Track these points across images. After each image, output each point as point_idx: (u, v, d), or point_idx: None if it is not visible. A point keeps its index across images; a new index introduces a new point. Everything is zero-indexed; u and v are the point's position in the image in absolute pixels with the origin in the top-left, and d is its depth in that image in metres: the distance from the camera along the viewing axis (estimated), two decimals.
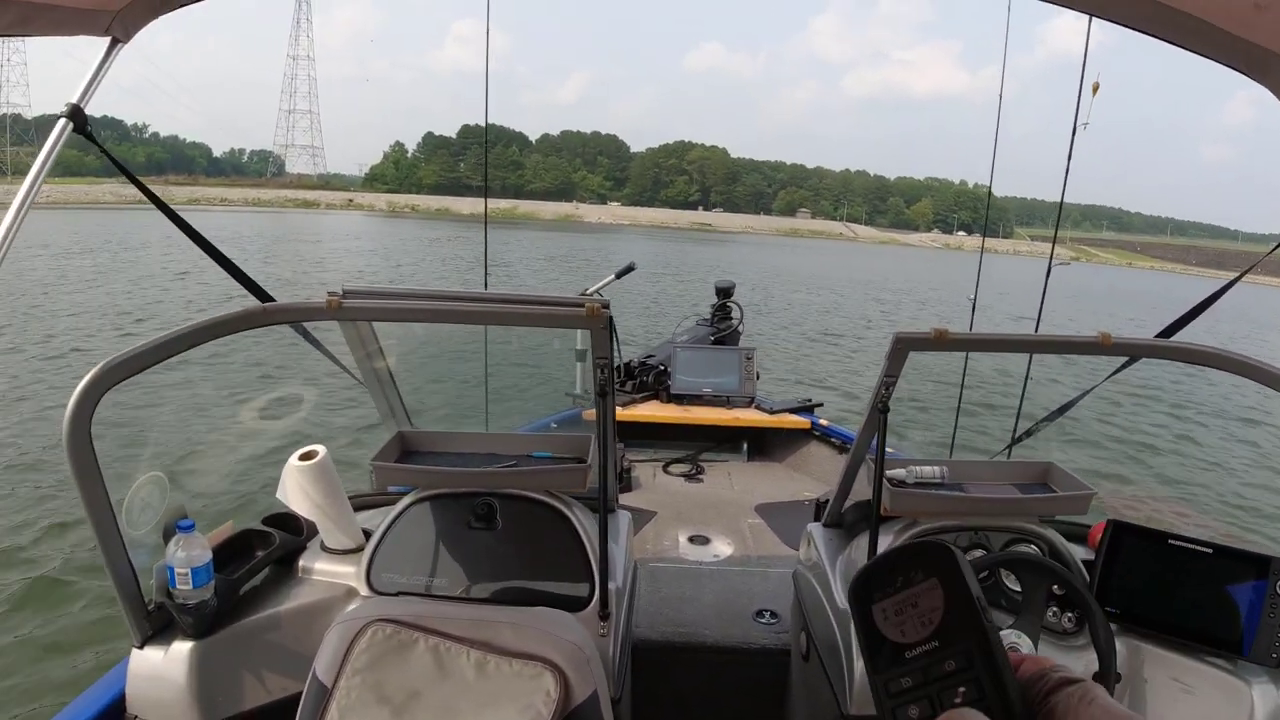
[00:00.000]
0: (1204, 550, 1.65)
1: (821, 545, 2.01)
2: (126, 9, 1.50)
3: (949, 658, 0.42)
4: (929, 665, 0.43)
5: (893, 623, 0.45)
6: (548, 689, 1.21)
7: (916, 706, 0.42)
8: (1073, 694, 0.42)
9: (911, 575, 0.45)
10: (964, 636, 0.42)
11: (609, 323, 1.56)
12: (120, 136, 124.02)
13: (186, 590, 1.50)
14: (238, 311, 1.58)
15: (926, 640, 0.43)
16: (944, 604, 0.43)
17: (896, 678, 0.44)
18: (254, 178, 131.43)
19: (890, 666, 0.44)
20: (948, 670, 0.42)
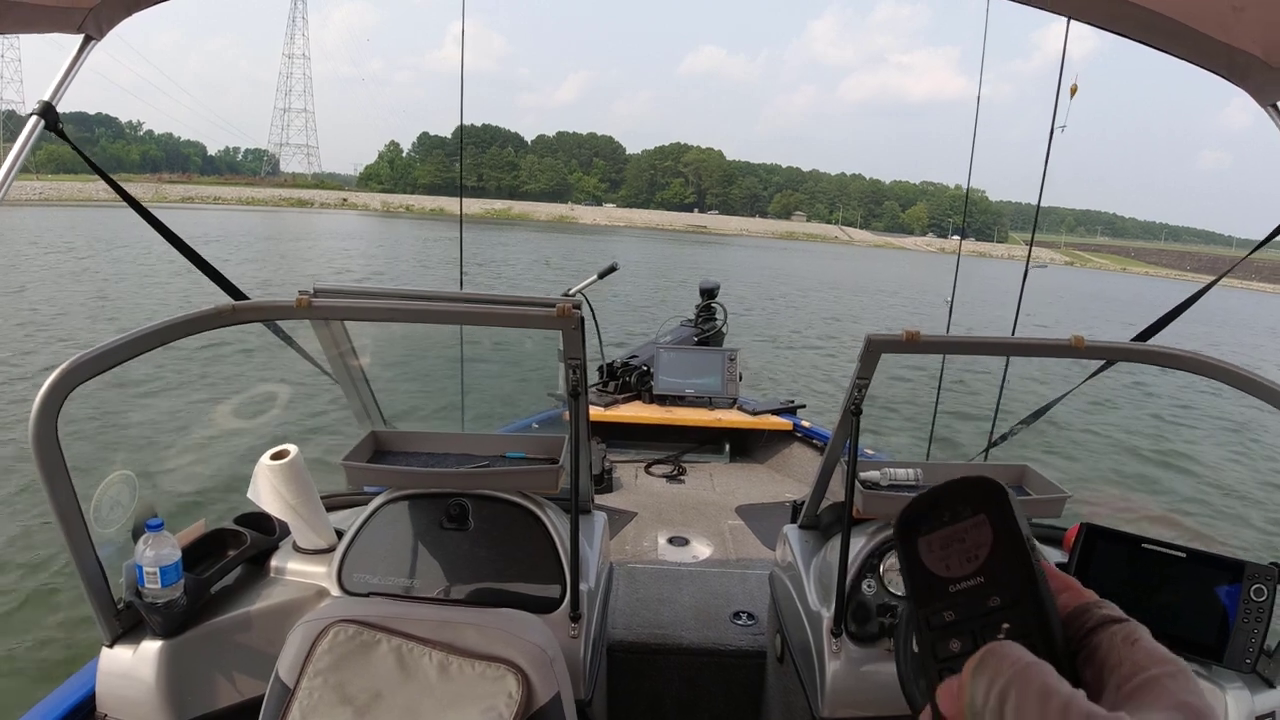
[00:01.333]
0: (1177, 555, 1.64)
1: (796, 547, 2.00)
2: (100, 6, 1.49)
3: (994, 593, 0.42)
4: (973, 600, 0.42)
5: (938, 556, 0.44)
6: (510, 690, 1.20)
7: (959, 640, 0.42)
8: (1116, 633, 0.41)
9: (959, 510, 0.45)
10: (1010, 573, 0.42)
11: (580, 323, 1.55)
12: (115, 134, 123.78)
13: (155, 589, 1.49)
14: (208, 309, 1.57)
15: (972, 575, 0.43)
16: (991, 540, 0.43)
17: (939, 611, 0.43)
18: (249, 176, 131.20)
19: (933, 600, 0.44)
20: (992, 605, 0.42)
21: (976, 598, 0.42)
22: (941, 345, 1.82)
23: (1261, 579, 1.57)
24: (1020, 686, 0.36)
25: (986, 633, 0.41)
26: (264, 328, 1.79)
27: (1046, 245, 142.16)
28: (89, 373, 1.39)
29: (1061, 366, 3.09)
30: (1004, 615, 0.41)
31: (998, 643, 0.39)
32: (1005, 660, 0.37)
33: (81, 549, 1.44)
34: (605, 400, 4.49)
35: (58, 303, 13.70)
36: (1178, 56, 1.65)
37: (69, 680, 1.61)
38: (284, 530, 1.83)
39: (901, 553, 0.46)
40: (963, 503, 0.45)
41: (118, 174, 28.56)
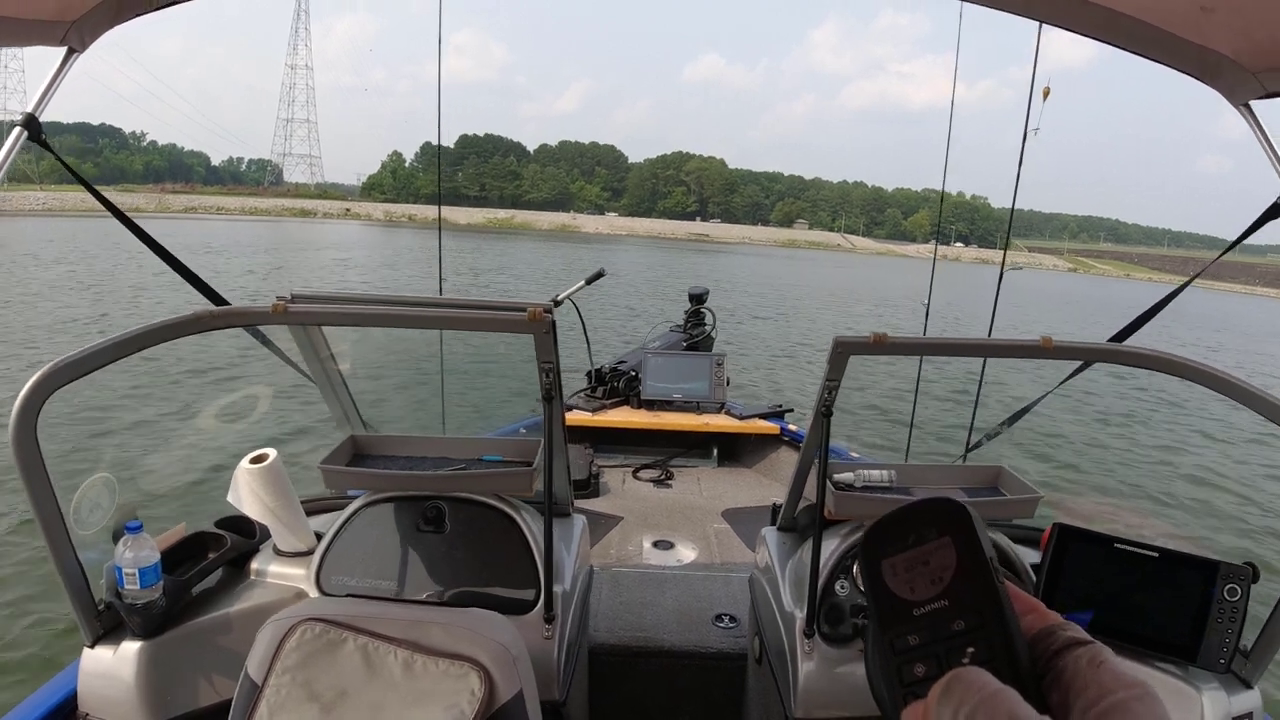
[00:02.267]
0: (1150, 554, 1.64)
1: (774, 549, 2.02)
2: (82, 19, 1.52)
3: (958, 617, 0.42)
4: (937, 623, 0.42)
5: (902, 579, 0.44)
6: (473, 688, 1.22)
7: (923, 664, 0.42)
8: (1081, 656, 0.41)
9: (924, 533, 0.44)
10: (975, 596, 0.42)
11: (551, 327, 1.57)
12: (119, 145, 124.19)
13: (134, 590, 1.51)
14: (187, 315, 1.60)
15: (936, 598, 0.43)
16: (956, 563, 0.43)
17: (903, 634, 0.43)
18: (252, 186, 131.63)
19: (897, 623, 0.43)
20: (956, 629, 0.41)
21: (941, 621, 0.42)
22: (908, 347, 1.83)
23: (1235, 578, 1.57)
24: (986, 713, 0.36)
25: (951, 657, 0.41)
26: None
27: (1049, 252, 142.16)
28: (68, 377, 1.42)
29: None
30: (969, 639, 0.41)
31: (963, 668, 0.39)
32: (971, 686, 0.37)
33: (61, 550, 1.47)
34: (593, 405, 4.50)
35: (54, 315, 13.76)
36: (1149, 58, 1.67)
37: (51, 680, 1.63)
38: (265, 533, 1.85)
39: (865, 575, 0.46)
40: (927, 525, 0.45)
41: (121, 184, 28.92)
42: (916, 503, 0.46)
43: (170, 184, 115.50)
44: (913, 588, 0.44)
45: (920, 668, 0.42)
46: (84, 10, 1.49)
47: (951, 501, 0.45)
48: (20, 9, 1.39)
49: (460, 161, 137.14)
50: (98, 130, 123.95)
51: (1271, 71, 1.53)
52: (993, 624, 0.41)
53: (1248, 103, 1.60)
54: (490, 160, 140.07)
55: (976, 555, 0.43)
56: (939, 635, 0.42)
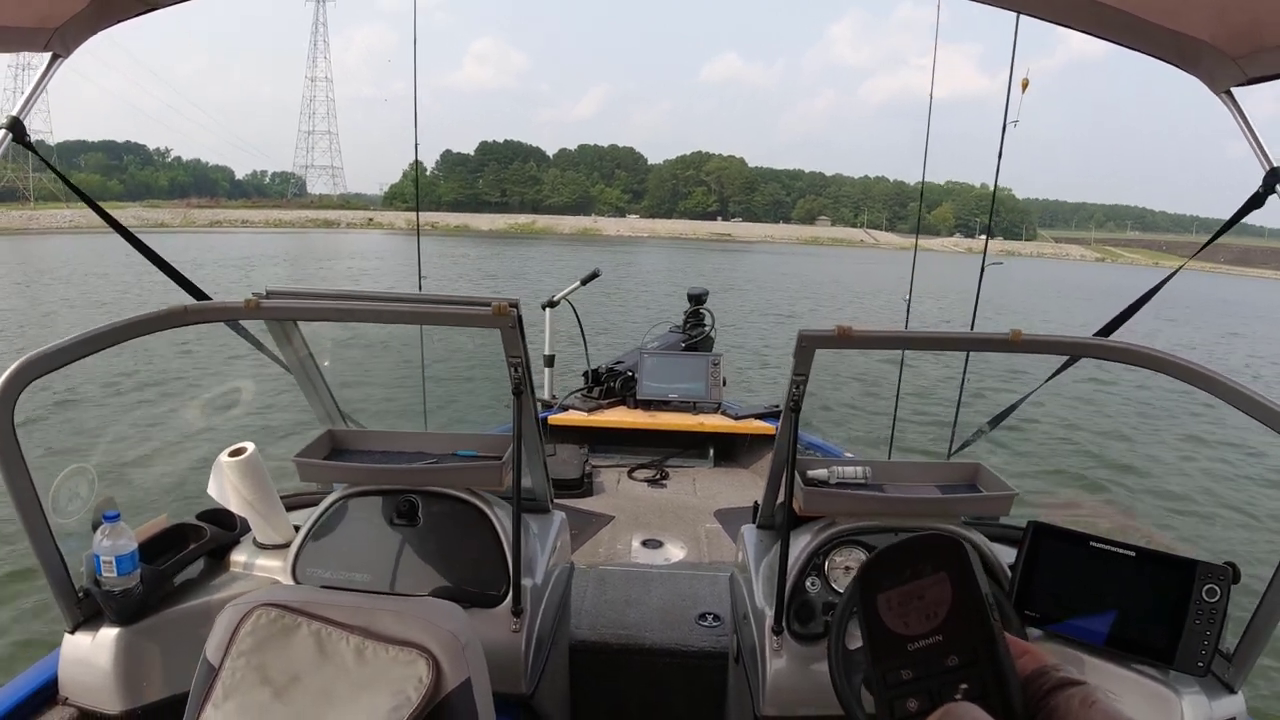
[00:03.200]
0: (1127, 553, 1.61)
1: (750, 547, 2.03)
2: (65, 25, 1.56)
3: (952, 653, 0.41)
4: (931, 659, 0.42)
5: (896, 613, 0.44)
6: (420, 675, 1.24)
7: (915, 699, 0.41)
8: (1073, 696, 0.41)
9: (920, 568, 0.44)
10: (969, 633, 0.42)
11: (517, 321, 1.60)
12: (143, 161, 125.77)
13: (112, 578, 1.57)
14: (162, 310, 1.65)
15: (930, 634, 0.42)
16: (951, 599, 0.42)
17: (896, 669, 0.42)
18: (276, 199, 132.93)
19: (891, 656, 0.43)
20: (950, 665, 0.41)
21: (935, 657, 0.42)
22: (872, 340, 1.83)
23: (1214, 579, 1.53)
24: None
25: (944, 692, 0.41)
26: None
27: (1076, 242, 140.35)
28: (42, 369, 1.47)
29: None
30: (962, 675, 0.41)
31: (956, 704, 0.39)
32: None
33: (40, 538, 1.52)
34: (589, 405, 4.52)
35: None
36: (1129, 47, 1.66)
37: (34, 665, 1.69)
38: (245, 526, 1.90)
39: (861, 609, 0.46)
40: (924, 560, 0.45)
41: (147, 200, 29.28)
42: (915, 537, 0.46)
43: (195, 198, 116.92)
44: (907, 622, 0.44)
45: (913, 702, 0.42)
46: (67, 17, 1.54)
47: (949, 538, 0.45)
48: (3, 17, 1.43)
49: (481, 168, 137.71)
50: (122, 148, 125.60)
51: (1251, 56, 1.52)
52: (986, 661, 0.41)
53: (1229, 89, 1.59)
54: (510, 166, 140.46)
55: (972, 592, 0.43)
56: (932, 670, 0.42)
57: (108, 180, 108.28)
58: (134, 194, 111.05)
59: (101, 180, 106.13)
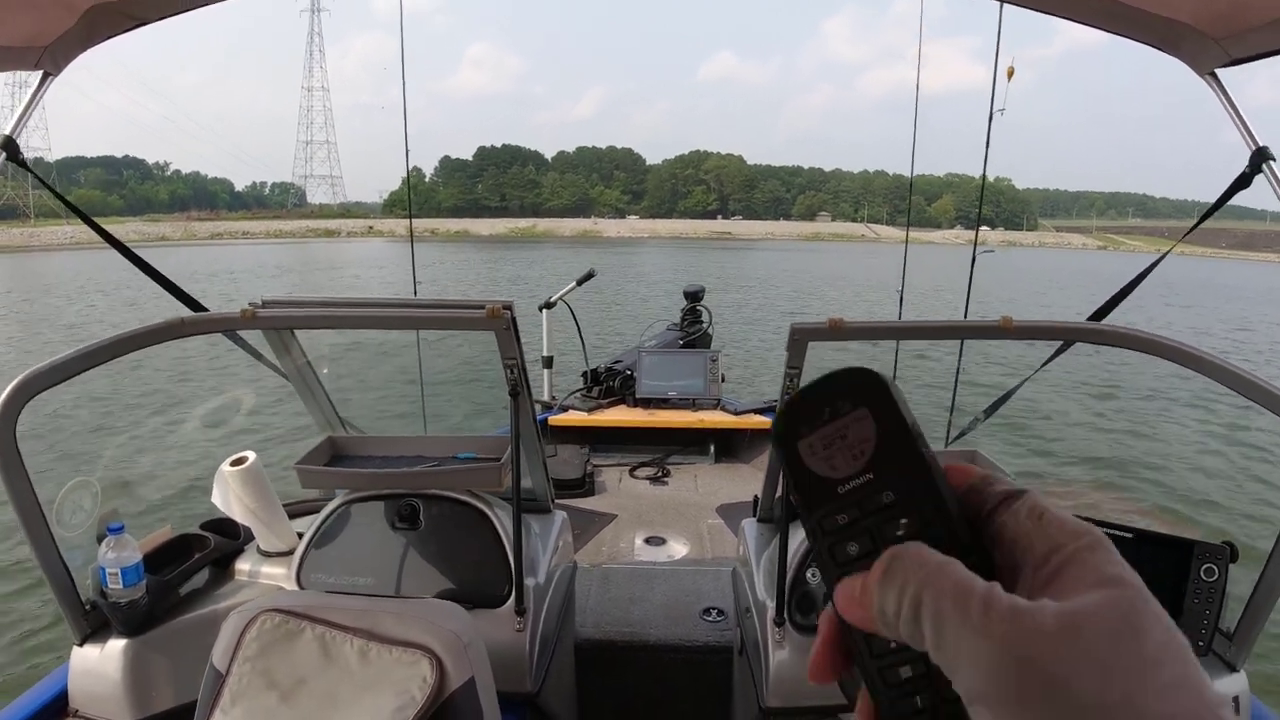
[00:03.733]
0: (1124, 535, 1.63)
1: (751, 541, 2.05)
2: (55, 44, 1.58)
3: (885, 489, 0.39)
4: (865, 499, 0.39)
5: (821, 457, 0.40)
6: (424, 675, 1.26)
7: (855, 542, 0.38)
8: (1019, 510, 0.38)
9: (838, 406, 0.41)
10: (900, 466, 0.39)
11: (511, 323, 1.62)
12: (143, 175, 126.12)
13: (118, 590, 1.59)
14: (158, 323, 1.66)
15: (860, 473, 0.39)
16: (876, 434, 0.40)
17: (830, 514, 0.39)
18: (276, 209, 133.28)
19: (823, 503, 0.40)
20: (885, 503, 0.38)
21: (868, 496, 0.39)
22: (864, 331, 1.85)
23: (1212, 558, 1.55)
24: (933, 590, 0.34)
25: (884, 530, 0.38)
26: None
27: (1078, 230, 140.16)
28: (44, 384, 1.49)
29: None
30: (900, 511, 0.39)
31: (901, 546, 0.37)
32: (911, 564, 0.35)
33: (46, 552, 1.54)
34: (589, 405, 4.52)
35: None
36: (1113, 32, 1.67)
37: (44, 679, 1.70)
38: (249, 534, 1.91)
39: (783, 459, 0.43)
40: (841, 398, 0.41)
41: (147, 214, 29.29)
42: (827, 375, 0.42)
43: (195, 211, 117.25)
44: (833, 464, 0.40)
45: (853, 546, 0.39)
46: (56, 35, 1.55)
47: (865, 370, 0.42)
48: None
49: (480, 173, 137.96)
50: (121, 162, 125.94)
51: (1234, 38, 1.52)
52: (923, 492, 0.39)
53: (1213, 71, 1.60)
54: (509, 170, 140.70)
55: (898, 423, 0.40)
56: (868, 510, 0.39)
57: (108, 195, 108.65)
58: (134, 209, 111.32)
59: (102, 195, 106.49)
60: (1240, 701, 1.57)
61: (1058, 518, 0.37)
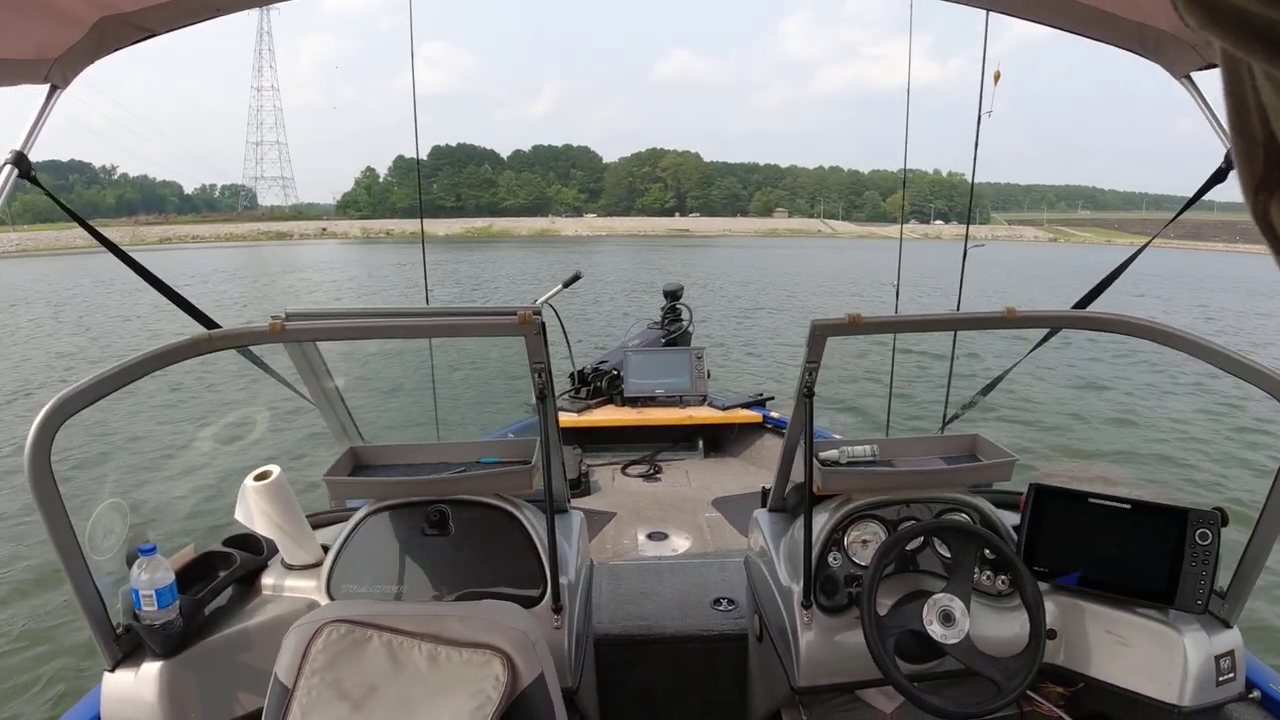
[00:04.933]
0: (1123, 506, 1.74)
1: (766, 530, 2.10)
2: (63, 56, 1.55)
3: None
4: None
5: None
6: (496, 674, 1.28)
7: None
8: None
9: None
10: None
11: (541, 329, 1.63)
12: (90, 180, 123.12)
13: (152, 611, 1.56)
14: (185, 340, 1.65)
15: None
16: None
17: None
18: (226, 212, 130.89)
19: None
20: None
21: None
22: (881, 325, 1.91)
23: (1205, 524, 1.66)
24: None
25: None
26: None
27: (1029, 224, 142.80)
28: (76, 407, 1.47)
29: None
30: None
31: None
32: None
33: (79, 577, 1.51)
34: (578, 406, 4.55)
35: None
36: (1092, 38, 1.72)
37: (74, 707, 1.67)
38: (272, 549, 1.90)
39: None
40: None
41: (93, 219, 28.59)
42: None
43: (144, 215, 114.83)
44: None
45: None
46: (65, 47, 1.53)
47: None
48: (2, 49, 1.43)
49: (435, 173, 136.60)
50: (67, 166, 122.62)
51: (1210, 42, 1.58)
52: None
53: (1189, 74, 1.66)
54: (465, 170, 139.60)
55: None
56: None
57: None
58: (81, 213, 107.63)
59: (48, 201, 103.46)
60: (1235, 655, 1.67)
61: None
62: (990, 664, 1.61)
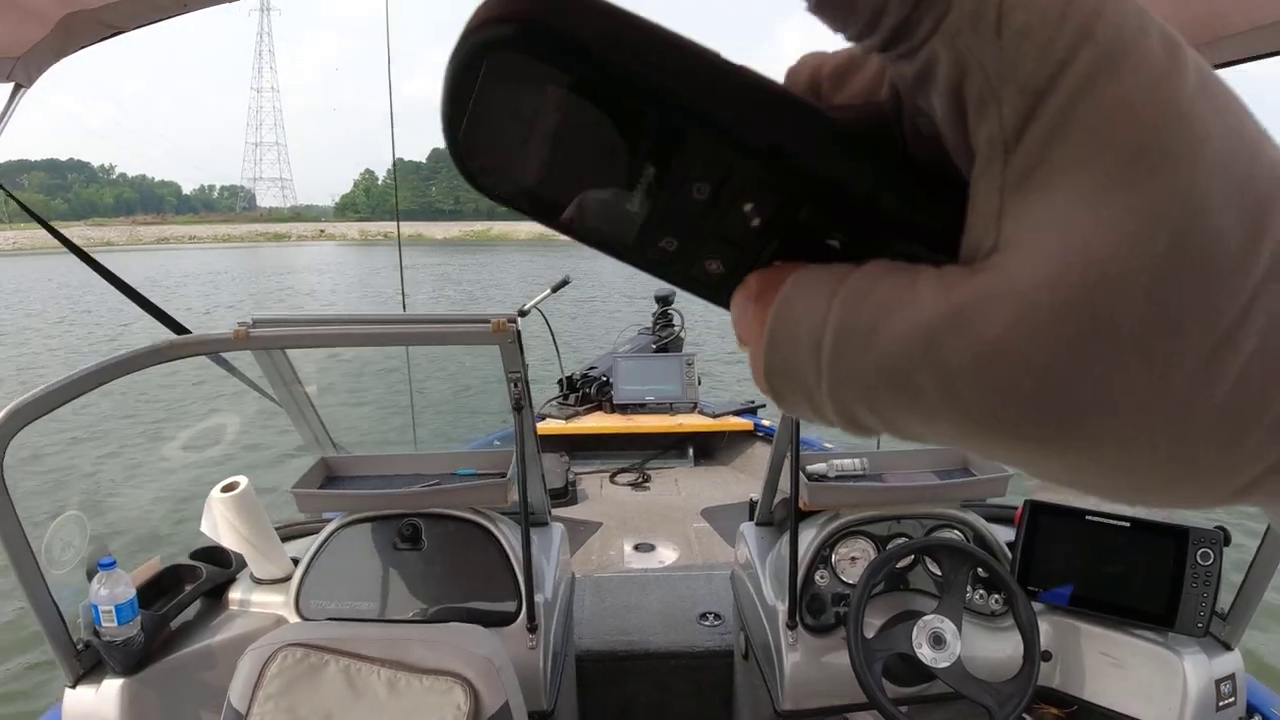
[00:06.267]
0: (1122, 524, 1.68)
1: (753, 544, 2.04)
2: (27, 54, 1.51)
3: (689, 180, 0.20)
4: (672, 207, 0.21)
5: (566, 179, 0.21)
6: (458, 703, 1.23)
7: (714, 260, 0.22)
8: (949, 18, 0.17)
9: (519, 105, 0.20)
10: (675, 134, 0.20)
11: (517, 337, 1.58)
12: (88, 179, 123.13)
13: (112, 627, 1.51)
14: (145, 347, 1.60)
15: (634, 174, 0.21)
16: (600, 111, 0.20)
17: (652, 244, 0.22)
18: (225, 213, 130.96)
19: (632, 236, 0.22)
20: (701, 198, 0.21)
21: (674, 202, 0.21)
22: None
23: (1207, 543, 1.60)
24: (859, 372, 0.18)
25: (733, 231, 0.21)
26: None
27: None
28: (30, 416, 1.42)
29: None
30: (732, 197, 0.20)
31: (779, 305, 0.20)
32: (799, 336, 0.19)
33: (36, 591, 1.46)
34: (566, 413, 4.48)
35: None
36: None
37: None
38: (240, 562, 1.85)
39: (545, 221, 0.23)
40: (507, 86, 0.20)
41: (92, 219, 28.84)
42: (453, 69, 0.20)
43: (142, 215, 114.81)
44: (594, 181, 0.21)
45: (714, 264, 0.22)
46: (29, 45, 1.48)
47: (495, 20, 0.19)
48: None
49: (433, 175, 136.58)
50: (66, 166, 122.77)
51: (1210, 45, 1.54)
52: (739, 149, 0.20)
53: None
54: None
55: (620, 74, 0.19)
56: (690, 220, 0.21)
57: (51, 200, 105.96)
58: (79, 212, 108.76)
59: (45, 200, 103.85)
60: (1236, 679, 1.62)
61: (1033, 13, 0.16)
62: (982, 690, 1.55)
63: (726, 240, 0.21)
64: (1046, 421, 0.17)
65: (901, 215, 0.20)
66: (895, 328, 0.17)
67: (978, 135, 0.17)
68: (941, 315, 0.17)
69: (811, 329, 0.19)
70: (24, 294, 23.45)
